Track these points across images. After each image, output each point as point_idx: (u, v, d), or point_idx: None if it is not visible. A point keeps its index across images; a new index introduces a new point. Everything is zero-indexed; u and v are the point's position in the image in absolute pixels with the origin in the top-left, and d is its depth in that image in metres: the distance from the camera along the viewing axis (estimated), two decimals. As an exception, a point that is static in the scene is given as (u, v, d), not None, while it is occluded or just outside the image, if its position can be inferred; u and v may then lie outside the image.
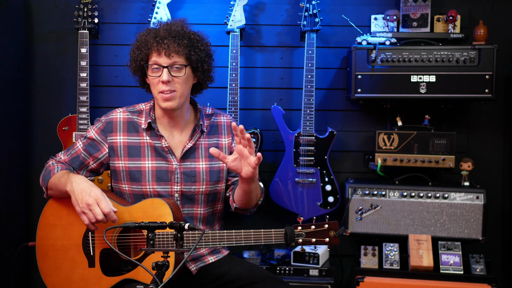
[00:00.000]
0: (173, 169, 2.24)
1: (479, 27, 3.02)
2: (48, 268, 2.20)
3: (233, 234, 2.04)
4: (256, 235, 2.04)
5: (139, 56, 2.19)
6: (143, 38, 2.20)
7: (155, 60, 2.15)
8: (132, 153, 2.25)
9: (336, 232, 2.00)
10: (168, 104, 2.16)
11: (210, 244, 2.05)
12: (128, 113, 2.29)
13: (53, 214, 2.22)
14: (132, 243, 2.13)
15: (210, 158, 2.29)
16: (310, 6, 3.07)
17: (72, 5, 3.23)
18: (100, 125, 2.28)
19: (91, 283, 2.13)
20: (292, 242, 2.00)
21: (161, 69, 2.14)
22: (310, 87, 3.08)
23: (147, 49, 2.16)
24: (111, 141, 2.26)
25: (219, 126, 2.36)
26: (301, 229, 2.02)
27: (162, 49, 2.13)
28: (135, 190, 2.24)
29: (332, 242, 2.00)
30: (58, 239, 2.19)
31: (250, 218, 3.31)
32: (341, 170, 3.32)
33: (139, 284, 2.05)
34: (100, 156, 2.27)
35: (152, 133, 2.26)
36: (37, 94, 3.39)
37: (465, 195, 2.94)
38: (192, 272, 2.26)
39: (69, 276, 2.16)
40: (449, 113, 3.24)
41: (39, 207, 3.33)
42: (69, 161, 2.28)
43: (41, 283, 2.22)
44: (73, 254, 2.17)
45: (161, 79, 2.14)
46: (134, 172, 2.24)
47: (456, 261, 2.88)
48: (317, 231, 2.00)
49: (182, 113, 2.27)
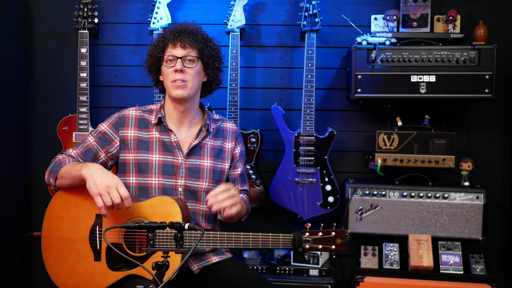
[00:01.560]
0: (178, 164, 2.32)
1: (479, 27, 3.02)
2: (52, 260, 2.21)
3: (241, 236, 2.07)
4: (264, 238, 2.07)
5: (156, 50, 2.33)
6: (161, 35, 2.36)
7: (170, 51, 2.29)
8: (141, 147, 2.32)
9: (342, 240, 2.02)
10: (178, 92, 2.27)
11: (217, 244, 2.08)
12: (140, 111, 2.39)
13: (60, 205, 2.24)
14: (138, 240, 2.16)
15: (215, 158, 2.38)
16: (310, 6, 3.07)
17: (72, 5, 3.23)
18: (112, 120, 2.36)
19: (96, 277, 2.15)
20: (300, 248, 2.03)
21: (175, 60, 2.28)
22: (310, 87, 3.08)
23: (164, 42, 2.31)
24: (122, 134, 2.33)
25: (225, 131, 2.45)
26: (308, 235, 2.04)
27: (177, 41, 2.28)
28: (141, 182, 2.30)
29: (338, 250, 2.03)
30: (65, 231, 2.21)
31: (249, 218, 3.30)
32: (341, 170, 3.32)
33: (144, 280, 2.07)
34: (111, 149, 2.33)
35: (162, 128, 2.35)
36: (37, 94, 3.39)
37: (465, 195, 2.94)
38: (194, 271, 2.27)
39: (73, 269, 2.18)
40: (449, 113, 3.24)
41: (39, 206, 3.37)
42: (82, 154, 2.32)
43: (43, 274, 2.22)
44: (79, 247, 2.18)
45: (175, 68, 2.27)
46: (141, 164, 2.30)
47: (456, 261, 2.88)
48: (324, 238, 2.03)
49: (191, 109, 2.37)
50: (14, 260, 2.96)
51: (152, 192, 2.29)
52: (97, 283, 2.15)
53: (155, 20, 3.12)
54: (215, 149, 2.39)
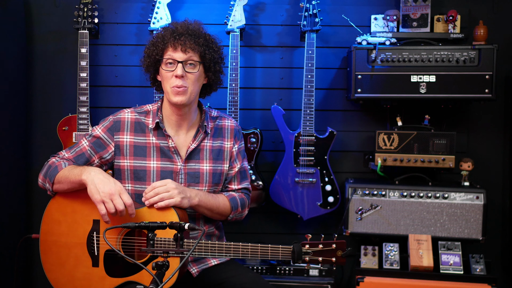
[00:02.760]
0: (177, 170, 2.27)
1: (479, 27, 3.02)
2: (51, 264, 2.20)
3: (239, 246, 2.04)
4: (263, 250, 2.04)
5: (155, 51, 2.23)
6: (160, 35, 2.24)
7: (170, 54, 2.20)
8: (138, 153, 2.26)
9: (343, 252, 2.00)
10: (178, 98, 2.19)
11: (216, 255, 2.06)
12: (136, 113, 2.31)
13: (58, 210, 2.21)
14: (137, 246, 2.14)
15: (214, 160, 2.33)
16: (310, 6, 3.07)
17: (72, 5, 3.23)
18: (107, 124, 2.29)
19: (94, 282, 2.13)
20: (299, 260, 2.00)
21: (176, 64, 2.19)
22: (310, 87, 3.08)
23: (164, 44, 2.21)
24: (117, 139, 2.27)
25: (223, 129, 2.39)
26: (308, 247, 2.01)
27: (178, 45, 2.18)
28: (138, 189, 2.25)
29: (339, 262, 2.00)
30: (62, 235, 2.19)
31: (249, 218, 3.31)
32: (341, 170, 3.32)
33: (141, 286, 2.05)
34: (105, 155, 2.27)
35: (159, 133, 2.28)
36: (37, 94, 3.39)
37: (465, 195, 2.94)
38: (193, 274, 2.26)
39: (72, 274, 2.16)
40: (449, 113, 3.24)
41: (39, 206, 3.37)
42: (74, 158, 2.27)
43: (42, 276, 2.22)
44: (77, 252, 2.17)
45: (175, 73, 2.18)
46: (139, 171, 2.25)
47: (456, 261, 2.88)
48: (325, 250, 2.00)
49: (190, 112, 2.30)
50: (13, 261, 2.97)
51: None
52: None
53: (155, 20, 3.12)
54: (214, 151, 2.34)
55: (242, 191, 2.43)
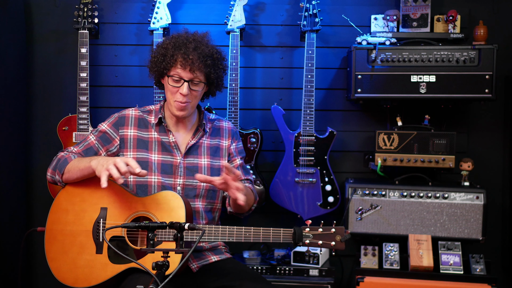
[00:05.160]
0: (177, 163, 2.36)
1: (479, 27, 3.02)
2: (54, 252, 2.23)
3: (242, 230, 2.09)
4: (265, 233, 2.09)
5: (163, 63, 2.29)
6: (171, 46, 2.28)
7: (178, 72, 2.27)
8: (141, 146, 2.36)
9: (342, 237, 2.03)
10: (181, 113, 2.32)
11: (219, 238, 2.11)
12: (140, 111, 2.43)
13: (66, 199, 2.27)
14: (140, 234, 2.19)
15: (212, 156, 2.42)
16: (310, 6, 3.07)
17: (72, 5, 3.23)
18: (112, 120, 2.40)
19: (96, 269, 2.16)
20: (300, 242, 2.05)
21: (182, 82, 2.27)
22: (310, 87, 3.08)
23: (173, 60, 2.27)
24: (122, 133, 2.37)
25: (221, 130, 2.49)
26: (308, 230, 2.05)
27: (187, 65, 2.25)
28: (140, 180, 2.32)
29: (338, 246, 2.04)
30: (69, 224, 2.23)
31: (249, 218, 3.31)
32: (341, 170, 3.32)
33: (144, 274, 2.07)
34: (111, 148, 2.37)
35: (161, 128, 2.39)
36: (37, 94, 3.39)
37: (465, 195, 2.94)
38: (193, 269, 2.29)
39: (74, 261, 2.19)
40: (449, 113, 3.24)
41: (39, 207, 3.37)
42: (83, 152, 2.35)
43: (43, 270, 2.23)
44: (81, 240, 2.21)
45: (180, 90, 2.27)
46: (141, 163, 2.29)
47: (456, 261, 2.88)
48: (324, 234, 2.04)
49: (190, 116, 2.42)
50: (14, 256, 2.99)
51: (151, 190, 2.31)
52: (97, 276, 2.16)
53: (155, 20, 3.12)
54: (211, 148, 2.43)
55: (249, 182, 2.49)
